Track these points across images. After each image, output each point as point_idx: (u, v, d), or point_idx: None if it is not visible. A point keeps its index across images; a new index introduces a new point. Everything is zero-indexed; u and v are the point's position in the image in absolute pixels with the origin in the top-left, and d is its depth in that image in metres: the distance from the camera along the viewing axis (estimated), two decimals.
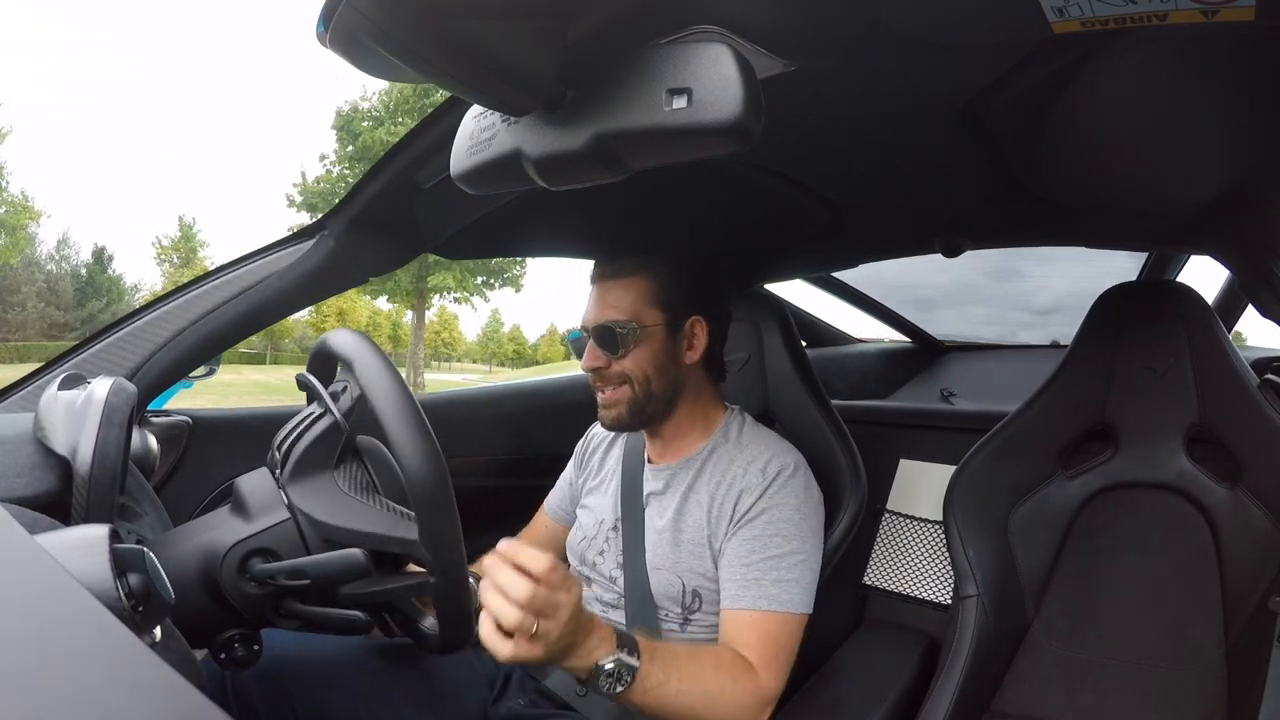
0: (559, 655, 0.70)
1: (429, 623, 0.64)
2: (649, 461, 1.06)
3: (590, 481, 1.13)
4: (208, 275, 0.94)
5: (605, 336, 0.97)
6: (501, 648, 0.66)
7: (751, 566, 0.90)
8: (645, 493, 1.03)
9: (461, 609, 0.61)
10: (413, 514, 0.59)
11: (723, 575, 0.92)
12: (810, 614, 0.92)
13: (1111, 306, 1.09)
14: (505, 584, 0.66)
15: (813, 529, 0.94)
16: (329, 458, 0.63)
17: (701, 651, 0.85)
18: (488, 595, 0.67)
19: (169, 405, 1.10)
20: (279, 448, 0.64)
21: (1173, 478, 1.04)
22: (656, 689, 0.76)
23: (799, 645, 0.90)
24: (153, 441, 0.87)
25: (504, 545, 0.68)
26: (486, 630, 0.66)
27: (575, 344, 1.03)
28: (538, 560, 0.66)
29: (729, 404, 1.08)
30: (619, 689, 0.73)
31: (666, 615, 0.95)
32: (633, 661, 0.74)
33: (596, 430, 1.20)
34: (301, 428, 0.64)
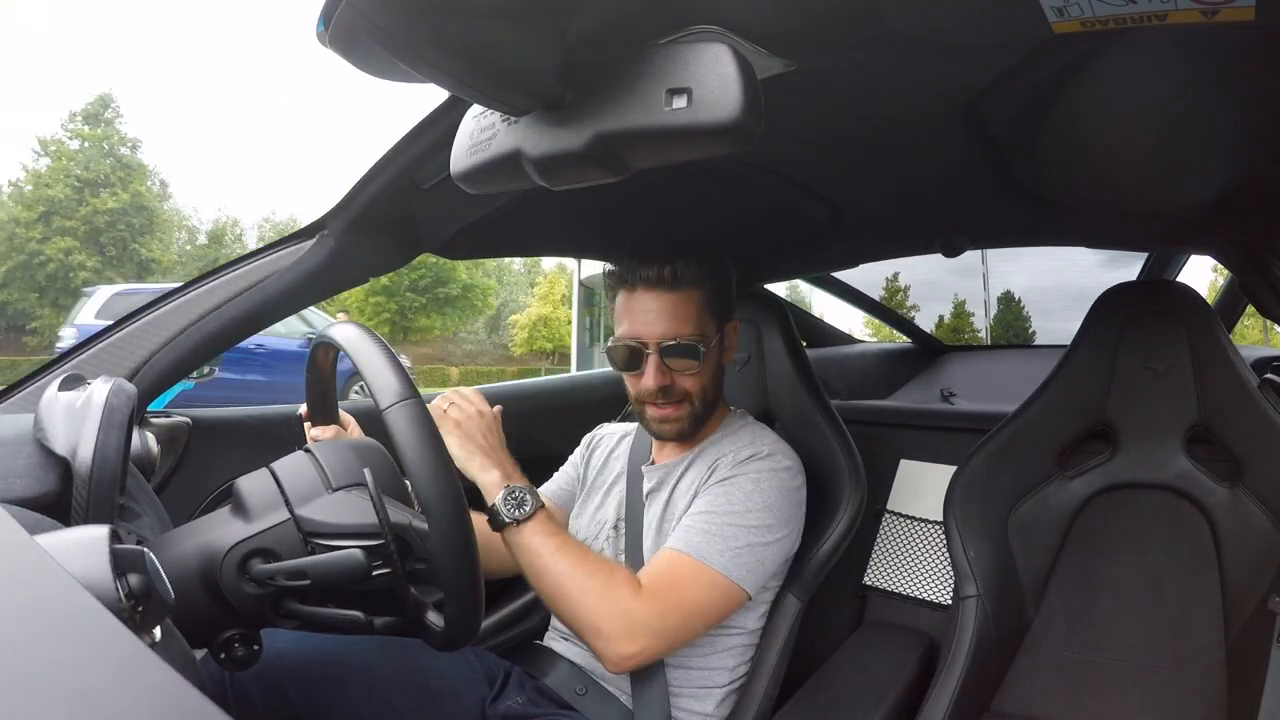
0: (480, 447, 0.92)
1: (433, 617, 0.64)
2: (650, 463, 1.07)
3: (594, 481, 1.13)
4: (208, 275, 0.94)
5: (680, 354, 0.94)
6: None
7: (690, 517, 0.91)
8: (644, 492, 1.04)
9: (469, 603, 0.61)
10: (417, 509, 0.59)
11: None
12: (747, 593, 0.89)
13: (1111, 306, 1.09)
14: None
15: (766, 505, 0.91)
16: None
17: (595, 552, 0.92)
18: None
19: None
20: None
21: (1173, 478, 1.04)
22: (541, 536, 0.85)
23: (708, 608, 0.88)
24: (153, 442, 0.87)
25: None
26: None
27: (622, 357, 0.96)
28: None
29: (732, 406, 1.09)
30: (518, 514, 0.85)
31: None
32: (539, 502, 0.87)
33: (605, 430, 1.21)
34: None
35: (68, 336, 7.25)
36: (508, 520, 0.86)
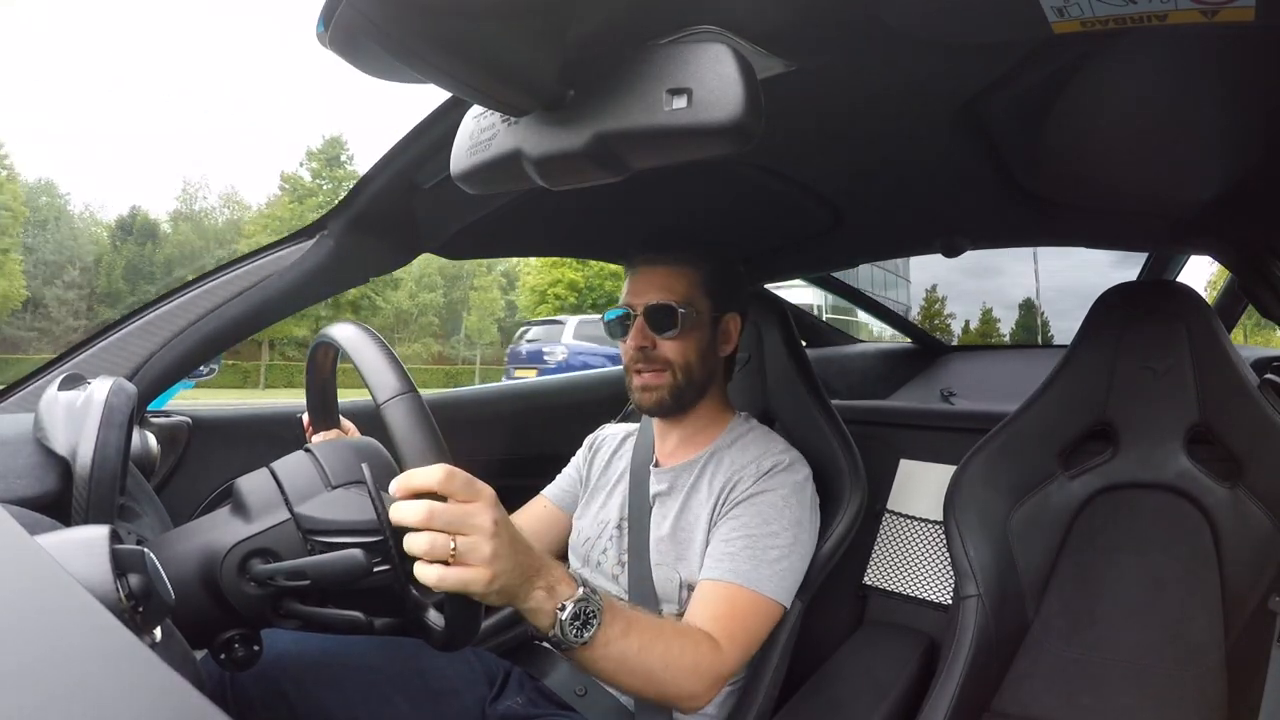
0: (515, 585, 0.63)
1: (433, 616, 0.64)
2: (656, 465, 1.07)
3: (598, 481, 1.13)
4: (208, 275, 0.94)
5: (659, 316, 0.98)
6: (429, 575, 0.57)
7: (730, 543, 0.91)
8: (651, 494, 1.04)
9: (469, 603, 0.61)
10: None
11: (705, 556, 0.93)
12: (785, 609, 0.91)
13: (1111, 306, 1.09)
14: (400, 514, 0.57)
15: (797, 520, 0.94)
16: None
17: (661, 617, 0.86)
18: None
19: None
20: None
21: (1173, 478, 1.04)
22: (620, 640, 0.72)
23: (765, 634, 0.90)
24: (153, 442, 0.87)
25: (394, 484, 0.58)
26: (417, 569, 0.57)
27: (615, 324, 1.03)
28: (427, 474, 0.57)
29: (738, 410, 1.10)
30: (587, 633, 0.69)
31: (665, 613, 0.95)
32: (598, 602, 0.70)
33: (607, 431, 1.21)
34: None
35: (559, 353, 8.89)
36: (581, 642, 0.69)
